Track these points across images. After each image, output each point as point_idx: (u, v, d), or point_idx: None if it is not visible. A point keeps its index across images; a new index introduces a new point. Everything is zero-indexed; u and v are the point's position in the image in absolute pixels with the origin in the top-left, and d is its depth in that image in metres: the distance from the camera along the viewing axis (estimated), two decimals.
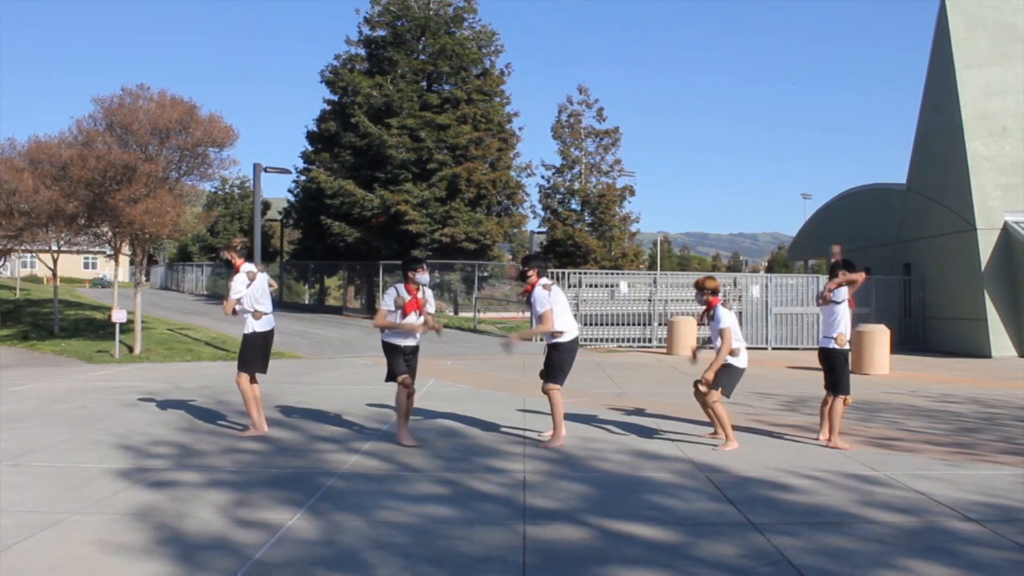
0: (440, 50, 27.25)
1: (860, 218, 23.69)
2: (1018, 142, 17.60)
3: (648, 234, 72.07)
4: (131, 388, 10.85)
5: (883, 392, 11.16)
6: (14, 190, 16.98)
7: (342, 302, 30.07)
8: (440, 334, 7.50)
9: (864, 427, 8.15)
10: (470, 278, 26.44)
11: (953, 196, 18.22)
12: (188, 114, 15.96)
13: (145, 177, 15.69)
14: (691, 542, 4.39)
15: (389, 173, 26.25)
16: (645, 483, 5.73)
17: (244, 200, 49.07)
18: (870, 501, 5.25)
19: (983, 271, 17.33)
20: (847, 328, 7.09)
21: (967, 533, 4.60)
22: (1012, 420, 8.78)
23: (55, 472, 5.92)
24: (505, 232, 28.80)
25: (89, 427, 7.76)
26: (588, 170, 34.93)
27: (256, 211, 17.57)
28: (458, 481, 5.74)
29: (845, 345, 7.09)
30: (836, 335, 7.03)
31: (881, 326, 14.34)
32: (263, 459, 6.41)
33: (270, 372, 7.92)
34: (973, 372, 14.15)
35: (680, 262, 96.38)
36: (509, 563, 4.06)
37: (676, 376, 13.09)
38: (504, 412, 8.85)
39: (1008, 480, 5.88)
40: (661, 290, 19.83)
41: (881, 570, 3.99)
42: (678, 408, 9.26)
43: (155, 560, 4.05)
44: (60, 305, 22.52)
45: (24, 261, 39.87)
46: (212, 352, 16.50)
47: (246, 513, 4.88)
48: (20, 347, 17.83)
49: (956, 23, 18.19)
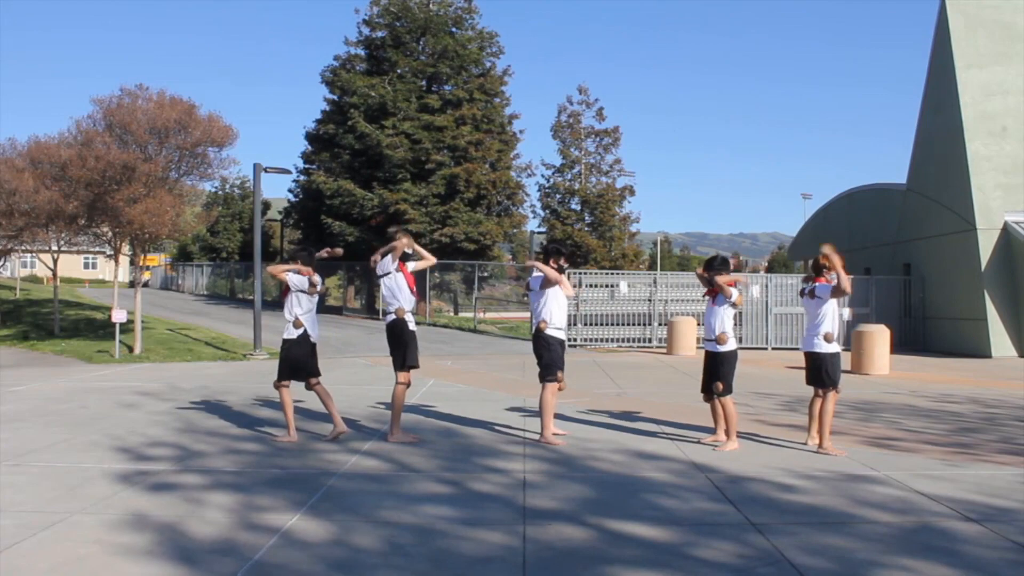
0: (440, 51, 27.23)
1: (860, 218, 23.68)
2: (1018, 142, 17.59)
3: (648, 234, 72.02)
4: (131, 388, 10.85)
5: (883, 392, 11.15)
6: (14, 190, 16.99)
7: (342, 302, 30.08)
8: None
9: (864, 427, 8.15)
10: (470, 278, 26.44)
11: (953, 196, 18.22)
12: (187, 114, 15.96)
13: (144, 177, 15.70)
14: (691, 542, 4.40)
15: (387, 172, 26.26)
16: (645, 483, 5.73)
17: (244, 200, 49.00)
18: (870, 501, 5.25)
19: (983, 271, 17.33)
20: (835, 326, 6.82)
21: (967, 533, 4.60)
22: (1012, 420, 8.78)
23: (55, 472, 5.92)
24: (505, 232, 28.78)
25: (89, 427, 7.76)
26: (588, 170, 34.92)
27: (256, 211, 17.55)
28: (458, 481, 5.74)
29: (834, 344, 6.80)
30: (824, 333, 6.80)
31: (881, 326, 14.34)
32: (263, 459, 6.41)
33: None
34: (973, 372, 14.15)
35: (680, 262, 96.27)
36: (509, 563, 4.06)
37: (676, 376, 13.09)
38: (504, 412, 8.86)
39: (1008, 480, 5.88)
40: (661, 290, 19.82)
41: (881, 570, 3.99)
42: (678, 408, 9.26)
43: (155, 560, 4.05)
44: (60, 305, 22.52)
45: (24, 261, 39.83)
46: (212, 352, 16.50)
47: (246, 513, 4.88)
48: (20, 347, 17.83)
49: (956, 23, 18.18)
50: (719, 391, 6.97)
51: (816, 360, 6.87)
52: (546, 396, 7.06)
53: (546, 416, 7.11)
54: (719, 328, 6.99)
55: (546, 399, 7.07)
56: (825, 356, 6.81)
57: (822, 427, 6.81)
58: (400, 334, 7.10)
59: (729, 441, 6.93)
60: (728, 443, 6.91)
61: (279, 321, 7.41)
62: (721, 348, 6.99)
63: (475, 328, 22.98)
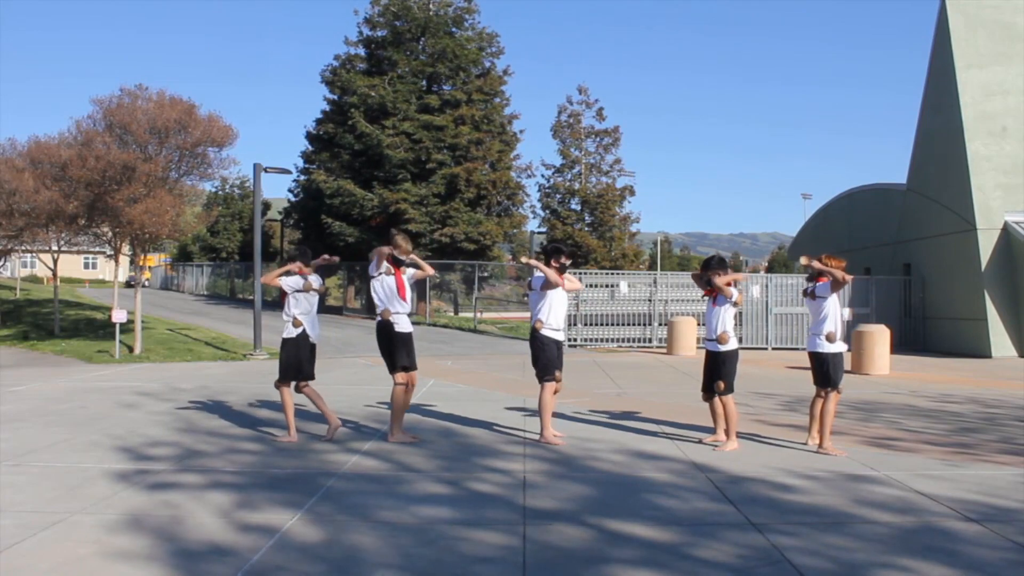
0: (440, 51, 27.23)
1: (860, 218, 23.68)
2: (1018, 142, 17.59)
3: (648, 234, 72.03)
4: (131, 388, 10.85)
5: (883, 392, 11.15)
6: (14, 190, 16.99)
7: (342, 302, 30.09)
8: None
9: (864, 427, 8.15)
10: (470, 278, 26.44)
11: (953, 196, 18.21)
12: (187, 114, 15.96)
13: (144, 177, 15.70)
14: (691, 542, 4.39)
15: (387, 172, 26.26)
16: (645, 483, 5.72)
17: (244, 200, 48.95)
18: (870, 501, 5.25)
19: (983, 271, 17.32)
20: (837, 326, 6.77)
21: (967, 533, 4.59)
22: (1012, 420, 8.78)
23: (55, 472, 5.92)
24: (505, 232, 28.79)
25: (89, 427, 7.76)
26: (588, 170, 34.93)
27: (256, 211, 17.54)
28: (458, 481, 5.74)
29: (837, 343, 6.77)
30: (827, 333, 6.77)
31: (881, 326, 14.35)
32: (263, 460, 6.41)
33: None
34: (973, 372, 14.15)
35: (680, 262, 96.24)
36: (509, 563, 4.06)
37: (676, 376, 13.09)
38: (504, 412, 8.85)
39: (1008, 480, 5.88)
40: (661, 290, 19.82)
41: (881, 570, 3.99)
42: (678, 408, 9.26)
43: (154, 561, 4.05)
44: (60, 305, 22.52)
45: (24, 261, 39.82)
46: (212, 352, 16.50)
47: (246, 514, 4.88)
48: (20, 347, 17.83)
49: (956, 23, 18.18)
50: (720, 390, 6.97)
51: (819, 360, 6.87)
52: (545, 396, 7.07)
53: (545, 416, 7.12)
54: (720, 328, 6.99)
55: (545, 399, 7.08)
56: (827, 356, 6.81)
57: (823, 427, 6.80)
58: (384, 336, 7.05)
59: (729, 441, 6.93)
60: (728, 443, 6.92)
61: (279, 321, 7.40)
62: (722, 348, 6.99)
63: (475, 328, 22.98)
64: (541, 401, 7.11)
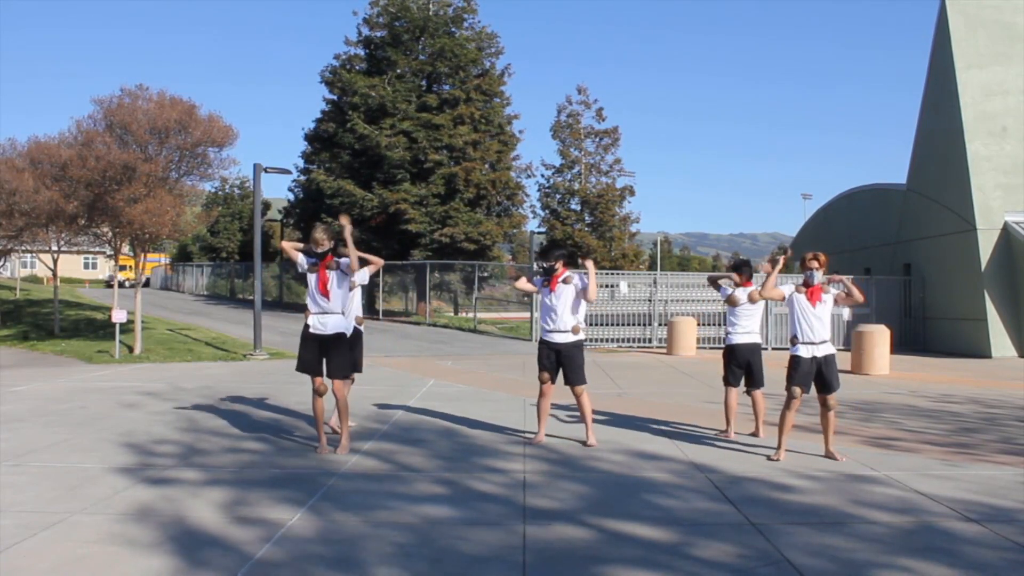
0: (439, 51, 27.23)
1: (860, 218, 23.69)
2: (1018, 142, 17.60)
3: (648, 234, 72.03)
4: (131, 388, 10.85)
5: (883, 392, 11.16)
6: (14, 190, 16.97)
7: None
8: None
9: (864, 427, 8.15)
10: (470, 278, 26.43)
11: (953, 196, 18.22)
12: (187, 114, 15.95)
13: (145, 177, 15.69)
14: (691, 542, 4.40)
15: (387, 172, 26.26)
16: (645, 483, 5.73)
17: (244, 200, 48.94)
18: (870, 501, 5.25)
19: (983, 271, 17.33)
20: (798, 327, 6.88)
21: (967, 533, 4.60)
22: (1012, 420, 8.78)
23: (55, 472, 5.92)
24: (505, 232, 28.79)
25: (89, 427, 7.76)
26: (588, 170, 34.93)
27: (256, 211, 17.53)
28: (458, 481, 5.74)
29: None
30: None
31: (881, 326, 14.35)
32: (263, 459, 6.41)
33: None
34: (973, 372, 14.15)
35: (680, 262, 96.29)
36: (509, 563, 4.06)
37: (676, 376, 13.09)
38: (504, 412, 8.85)
39: (1008, 480, 5.89)
40: (661, 290, 19.83)
41: (881, 570, 3.99)
42: (678, 408, 9.26)
43: (155, 560, 4.05)
44: (60, 305, 22.52)
45: (24, 261, 39.83)
46: (212, 352, 16.49)
47: (246, 513, 4.88)
48: (20, 347, 17.83)
49: (956, 23, 18.19)
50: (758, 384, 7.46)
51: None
52: (586, 400, 7.05)
53: (588, 419, 7.11)
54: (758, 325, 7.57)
55: (587, 403, 7.07)
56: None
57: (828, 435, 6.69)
58: (301, 337, 6.75)
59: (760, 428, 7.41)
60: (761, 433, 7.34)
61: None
62: (758, 340, 7.53)
63: (475, 328, 22.98)
64: (588, 408, 7.05)
